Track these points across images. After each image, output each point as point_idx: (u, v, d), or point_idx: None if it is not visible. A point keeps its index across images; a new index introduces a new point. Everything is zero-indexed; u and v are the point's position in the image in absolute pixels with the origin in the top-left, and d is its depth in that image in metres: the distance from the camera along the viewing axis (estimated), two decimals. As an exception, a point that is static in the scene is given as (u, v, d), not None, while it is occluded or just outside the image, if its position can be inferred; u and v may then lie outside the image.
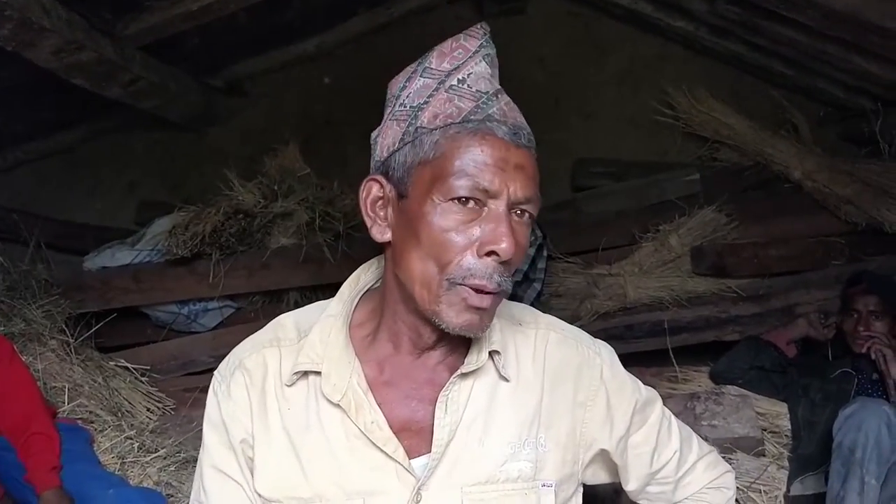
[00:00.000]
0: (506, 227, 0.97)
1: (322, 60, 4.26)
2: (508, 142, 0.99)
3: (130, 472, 2.81)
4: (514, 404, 1.10)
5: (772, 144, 3.77)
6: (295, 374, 1.07)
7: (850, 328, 2.90)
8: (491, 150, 0.98)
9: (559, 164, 4.12)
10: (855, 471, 2.25)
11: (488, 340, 1.08)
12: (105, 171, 4.43)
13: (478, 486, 1.06)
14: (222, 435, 1.10)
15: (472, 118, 0.99)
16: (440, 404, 1.06)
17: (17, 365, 2.61)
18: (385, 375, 1.08)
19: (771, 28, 3.34)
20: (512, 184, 0.98)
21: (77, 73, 3.06)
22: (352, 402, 1.05)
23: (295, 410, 1.07)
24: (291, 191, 3.69)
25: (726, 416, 2.77)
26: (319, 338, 1.08)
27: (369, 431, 1.04)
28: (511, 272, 1.01)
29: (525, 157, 1.00)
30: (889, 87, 3.42)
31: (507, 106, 1.02)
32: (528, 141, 1.02)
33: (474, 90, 1.01)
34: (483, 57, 1.04)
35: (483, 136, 0.98)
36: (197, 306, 3.69)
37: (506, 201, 0.98)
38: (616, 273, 3.68)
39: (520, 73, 4.20)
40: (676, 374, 3.25)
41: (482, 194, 0.97)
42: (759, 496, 2.57)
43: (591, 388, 1.16)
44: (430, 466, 1.04)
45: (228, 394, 1.10)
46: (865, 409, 2.32)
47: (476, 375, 1.09)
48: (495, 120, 0.99)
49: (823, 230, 3.66)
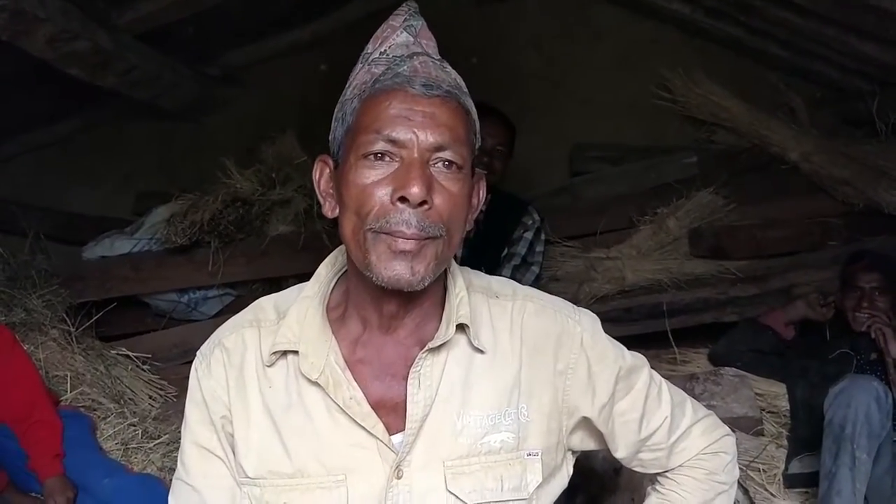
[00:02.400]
0: (416, 173, 0.99)
1: (317, 48, 4.25)
2: (417, 93, 1.01)
3: (134, 459, 2.83)
4: (492, 376, 1.10)
5: (769, 126, 3.77)
6: (273, 355, 1.09)
7: (852, 305, 2.89)
8: (399, 102, 1.01)
9: (557, 148, 4.11)
10: (846, 447, 2.28)
11: (456, 314, 1.09)
12: (102, 162, 4.42)
13: (459, 460, 1.07)
14: (203, 412, 1.12)
15: (381, 79, 1.03)
16: (412, 380, 1.07)
17: (18, 353, 2.62)
18: (358, 354, 1.10)
19: (767, 10, 3.34)
20: (421, 131, 1.00)
21: (72, 63, 3.05)
22: (329, 379, 1.06)
23: (276, 389, 1.09)
24: (289, 178, 3.70)
25: (725, 397, 2.79)
26: (296, 318, 1.10)
27: (348, 407, 1.05)
28: (439, 221, 1.01)
29: (437, 106, 1.02)
30: (886, 68, 3.42)
31: (423, 64, 1.04)
32: (443, 92, 1.02)
33: (390, 57, 1.05)
34: (405, 28, 1.08)
35: (391, 93, 1.02)
36: (197, 294, 3.69)
37: (417, 149, 1.00)
38: (614, 256, 3.69)
39: (516, 58, 4.20)
40: (675, 355, 3.27)
41: (391, 145, 1.00)
42: (757, 475, 2.60)
43: (570, 356, 1.15)
44: (406, 442, 1.05)
45: (209, 372, 1.12)
46: (855, 386, 2.34)
47: (448, 349, 1.09)
48: (405, 76, 1.02)
49: (821, 211, 3.67)
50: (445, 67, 1.06)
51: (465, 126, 1.04)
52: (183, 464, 1.14)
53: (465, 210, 1.05)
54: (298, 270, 3.63)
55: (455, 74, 1.07)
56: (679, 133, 4.09)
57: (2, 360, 2.54)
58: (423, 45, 1.07)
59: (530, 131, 3.99)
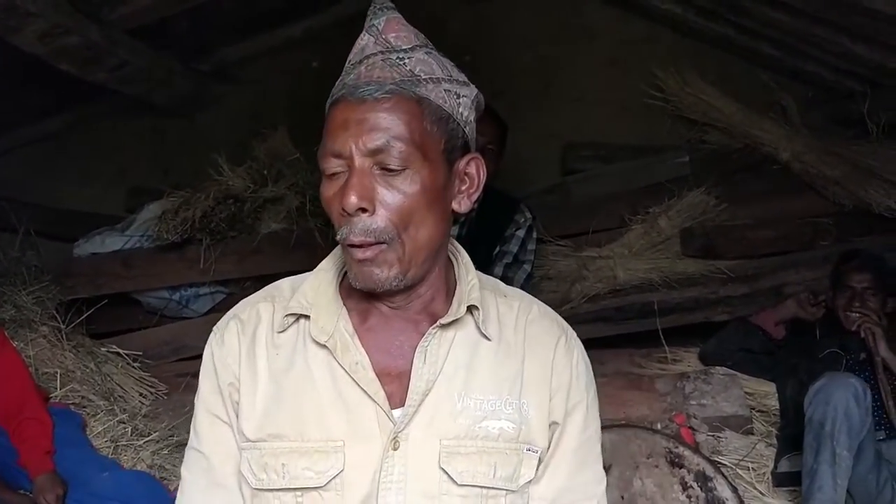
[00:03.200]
0: (351, 182, 1.01)
1: (310, 44, 4.24)
2: (353, 101, 1.02)
3: (124, 456, 2.82)
4: (495, 363, 1.12)
5: (760, 126, 3.78)
6: (287, 317, 1.11)
7: (843, 304, 2.91)
8: (339, 114, 1.03)
9: (549, 147, 4.12)
10: (826, 443, 2.31)
11: (468, 296, 1.11)
12: (94, 158, 4.40)
13: (455, 440, 1.07)
14: (213, 381, 1.14)
15: (334, 94, 1.05)
16: (419, 354, 1.08)
17: (8, 350, 2.61)
18: (368, 323, 1.12)
19: (759, 10, 3.35)
20: (354, 139, 1.01)
21: (63, 58, 3.05)
22: (337, 343, 1.08)
23: (283, 355, 1.11)
24: (281, 175, 3.70)
25: (715, 396, 2.80)
26: (311, 286, 1.13)
27: (353, 372, 1.07)
28: (387, 225, 1.03)
29: (372, 109, 1.02)
30: (877, 68, 3.44)
31: (369, 67, 1.05)
32: (386, 91, 1.02)
33: (348, 65, 1.07)
34: (367, 30, 1.08)
35: (336, 106, 1.04)
36: (188, 292, 3.69)
37: (357, 158, 1.02)
38: (606, 255, 3.70)
39: (508, 57, 4.20)
40: (666, 354, 3.29)
41: (337, 159, 1.03)
42: (747, 473, 2.62)
43: (563, 365, 1.16)
44: (406, 414, 1.06)
45: (221, 342, 1.14)
46: (833, 383, 2.38)
47: (456, 329, 1.11)
48: (348, 85, 1.04)
49: (811, 211, 3.69)
50: (403, 60, 1.05)
51: (413, 119, 1.03)
52: (195, 431, 1.16)
53: (429, 204, 1.04)
54: (290, 268, 3.59)
55: (417, 63, 1.05)
56: (671, 133, 4.10)
57: None
58: (387, 42, 1.06)
59: (522, 130, 3.99)
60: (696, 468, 2.41)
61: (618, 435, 2.47)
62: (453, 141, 1.07)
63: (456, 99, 1.07)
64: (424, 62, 1.06)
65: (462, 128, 1.08)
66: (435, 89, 1.05)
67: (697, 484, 2.39)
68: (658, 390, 2.87)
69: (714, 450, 2.66)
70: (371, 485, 1.06)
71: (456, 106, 1.07)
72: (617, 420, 2.68)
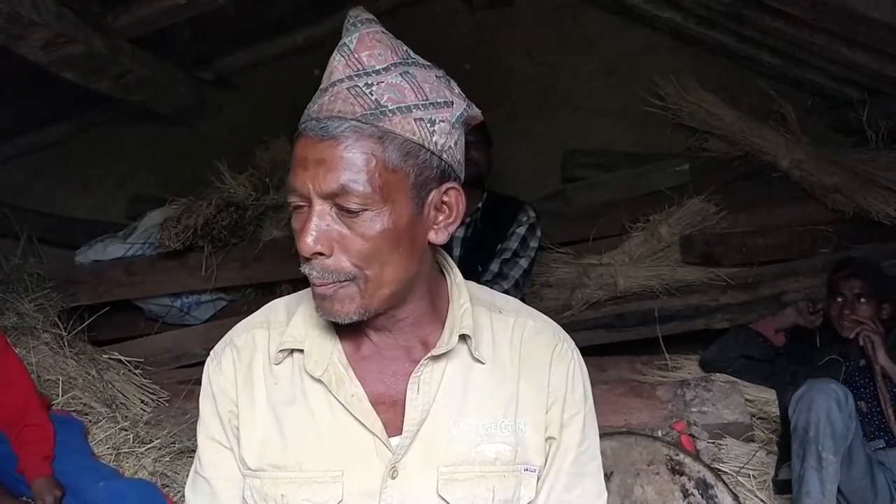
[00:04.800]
0: (307, 226, 0.99)
1: (312, 52, 4.26)
2: (314, 137, 0.98)
3: (125, 464, 2.82)
4: (489, 386, 1.11)
5: (760, 134, 3.79)
6: (281, 353, 1.12)
7: (836, 313, 2.93)
8: (300, 149, 1.00)
9: (549, 155, 4.13)
10: (811, 449, 2.34)
11: (459, 324, 1.10)
12: (96, 165, 4.42)
13: (453, 467, 1.07)
14: (213, 407, 1.14)
15: (300, 124, 1.02)
16: (412, 384, 1.08)
17: (10, 357, 2.62)
18: (361, 352, 1.12)
19: (758, 19, 3.36)
20: (312, 181, 0.98)
21: (66, 67, 3.06)
22: (332, 376, 1.08)
23: (281, 386, 1.11)
24: (283, 183, 3.70)
25: (716, 403, 2.80)
26: (303, 318, 1.13)
27: (349, 404, 1.07)
28: (346, 266, 1.01)
29: (328, 150, 0.97)
30: (876, 76, 3.45)
31: (332, 97, 0.99)
32: (337, 128, 0.97)
33: (318, 91, 1.03)
34: (339, 49, 1.02)
35: (297, 139, 1.01)
36: (189, 299, 3.69)
37: (315, 199, 0.99)
38: (606, 263, 3.71)
39: (508, 65, 4.22)
40: (667, 361, 3.29)
41: (297, 196, 1.01)
42: (748, 481, 2.61)
43: (558, 378, 1.15)
44: (403, 445, 1.07)
45: (219, 368, 1.15)
46: (814, 389, 2.40)
47: (448, 357, 1.11)
48: (312, 118, 1.00)
49: (811, 219, 3.69)
50: (371, 87, 0.99)
51: (374, 159, 0.97)
52: (198, 457, 1.17)
53: (392, 243, 1.01)
54: (291, 276, 3.63)
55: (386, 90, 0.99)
56: (671, 140, 4.11)
57: None
58: (359, 62, 1.00)
59: (522, 137, 4.01)
60: (696, 476, 2.41)
61: (618, 442, 2.48)
62: (426, 172, 1.01)
63: (430, 127, 1.00)
64: (395, 87, 0.99)
65: (437, 156, 1.01)
66: (402, 121, 0.98)
67: (698, 491, 2.39)
68: (659, 397, 2.87)
69: (715, 457, 2.66)
70: None
71: (429, 135, 0.99)
72: (618, 427, 2.68)
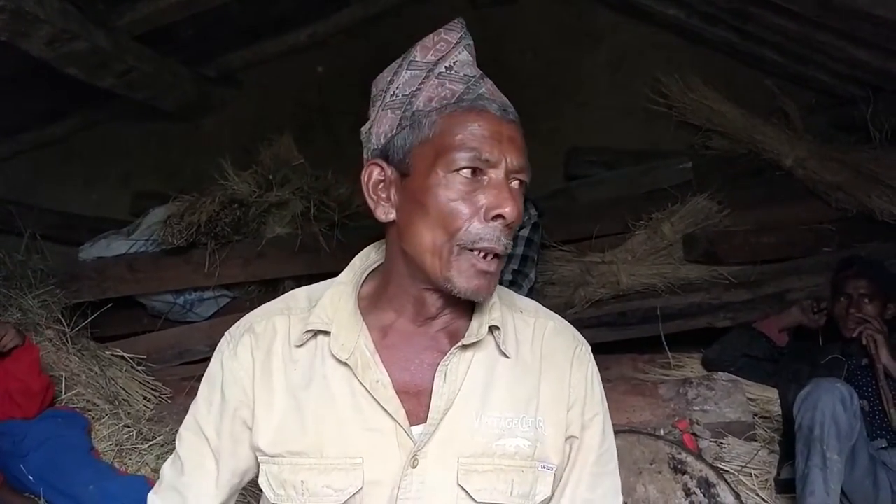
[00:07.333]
0: (508, 193, 1.05)
1: (315, 50, 4.26)
2: (499, 117, 1.08)
3: (128, 460, 2.83)
4: (513, 381, 1.13)
5: (763, 132, 3.79)
6: (306, 334, 1.12)
7: (841, 312, 2.92)
8: (487, 123, 1.06)
9: (552, 152, 4.13)
10: (816, 448, 2.33)
11: (489, 315, 1.13)
12: (100, 162, 4.43)
13: (473, 458, 1.08)
14: (214, 392, 1.15)
15: (465, 98, 1.08)
16: (439, 373, 1.09)
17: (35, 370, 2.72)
18: (387, 341, 1.13)
19: (762, 16, 3.36)
20: (508, 154, 1.06)
21: (71, 64, 3.07)
22: (358, 361, 1.09)
23: (301, 370, 1.12)
24: (286, 180, 3.70)
25: (718, 401, 2.79)
26: (330, 301, 1.14)
27: (374, 390, 1.08)
28: (511, 236, 1.08)
29: (514, 130, 1.09)
30: (879, 74, 3.44)
31: (492, 87, 1.11)
32: (514, 116, 1.10)
33: (462, 74, 1.10)
34: (465, 47, 1.12)
35: (479, 113, 1.07)
36: (193, 296, 3.70)
37: (504, 170, 1.06)
38: (609, 261, 3.70)
39: (513, 62, 4.21)
40: (669, 360, 3.28)
41: (483, 164, 1.05)
42: (749, 480, 2.61)
43: (578, 379, 1.18)
44: (426, 433, 1.07)
45: (234, 354, 1.14)
46: (819, 389, 2.40)
47: (476, 349, 1.12)
48: (486, 98, 1.08)
49: (814, 217, 3.69)
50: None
51: None
52: (179, 434, 1.18)
53: None
54: (295, 272, 3.64)
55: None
56: (674, 138, 4.11)
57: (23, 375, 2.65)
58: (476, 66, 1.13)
59: (526, 134, 4.00)
60: (699, 474, 2.41)
61: (621, 440, 2.47)
62: None
63: None
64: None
65: None
66: None
67: (700, 490, 2.39)
68: (661, 396, 2.86)
69: (717, 456, 2.66)
70: (389, 502, 1.07)
71: None
72: (620, 426, 2.68)
